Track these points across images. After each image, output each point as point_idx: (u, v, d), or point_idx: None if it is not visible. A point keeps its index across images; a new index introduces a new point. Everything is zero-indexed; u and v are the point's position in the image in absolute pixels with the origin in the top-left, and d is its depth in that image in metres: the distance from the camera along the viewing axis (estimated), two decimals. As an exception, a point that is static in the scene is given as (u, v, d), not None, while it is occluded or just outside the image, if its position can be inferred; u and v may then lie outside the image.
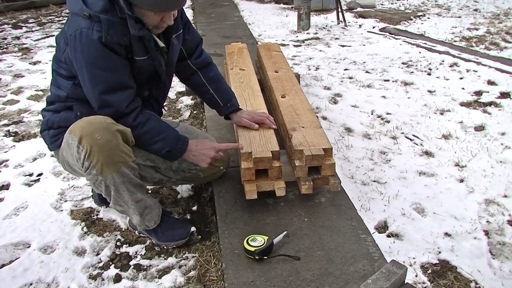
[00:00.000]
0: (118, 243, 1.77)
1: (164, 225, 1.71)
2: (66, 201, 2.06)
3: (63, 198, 2.08)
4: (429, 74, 3.68)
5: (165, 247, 1.73)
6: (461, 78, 3.55)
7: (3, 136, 2.77)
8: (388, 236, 1.80)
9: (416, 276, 1.58)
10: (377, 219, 1.89)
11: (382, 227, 1.85)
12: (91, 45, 1.38)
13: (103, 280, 1.60)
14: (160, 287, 1.55)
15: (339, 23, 5.59)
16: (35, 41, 5.19)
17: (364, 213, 1.88)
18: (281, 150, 1.74)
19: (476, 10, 6.17)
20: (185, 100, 3.24)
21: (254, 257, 1.48)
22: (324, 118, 2.86)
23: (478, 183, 2.13)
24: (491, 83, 3.41)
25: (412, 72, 3.74)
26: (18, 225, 1.90)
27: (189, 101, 3.22)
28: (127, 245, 1.76)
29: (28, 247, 1.77)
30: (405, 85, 3.45)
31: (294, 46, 4.70)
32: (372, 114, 2.94)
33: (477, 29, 5.08)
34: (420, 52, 4.28)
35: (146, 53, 1.52)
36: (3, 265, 1.67)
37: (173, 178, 1.84)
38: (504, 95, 3.17)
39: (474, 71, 3.67)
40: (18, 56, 4.56)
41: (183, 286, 1.55)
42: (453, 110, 2.96)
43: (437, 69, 3.80)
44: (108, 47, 1.40)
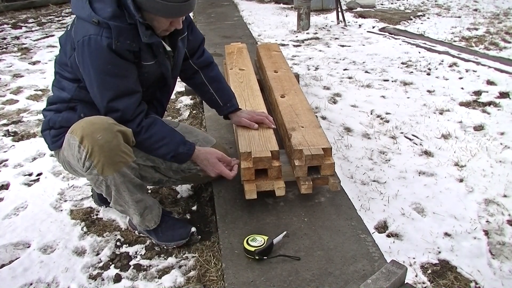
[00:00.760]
0: (118, 243, 1.77)
1: (164, 225, 1.71)
2: (66, 201, 2.06)
3: (63, 198, 2.08)
4: (428, 74, 3.68)
5: (165, 247, 1.73)
6: (460, 78, 3.55)
7: (3, 135, 2.77)
8: (388, 236, 1.80)
9: (416, 276, 1.58)
10: (377, 219, 1.89)
11: (382, 227, 1.85)
12: (100, 52, 1.38)
13: (103, 280, 1.60)
14: (160, 287, 1.55)
15: (338, 23, 5.59)
16: (34, 41, 5.19)
17: (363, 213, 1.89)
18: (280, 150, 1.74)
19: (476, 10, 6.18)
20: (185, 100, 3.24)
21: (254, 257, 1.48)
22: (324, 118, 2.86)
23: (477, 182, 2.13)
24: (490, 83, 3.42)
25: (412, 72, 3.75)
26: (18, 225, 1.90)
27: (189, 101, 3.22)
28: (127, 245, 1.76)
29: (28, 247, 1.77)
30: (405, 85, 3.45)
31: (294, 46, 4.70)
32: (371, 114, 2.94)
33: (476, 29, 5.09)
34: (419, 52, 4.29)
35: (154, 58, 1.52)
36: (3, 265, 1.67)
37: (173, 178, 1.84)
38: (503, 95, 3.17)
39: (474, 71, 3.68)
40: (17, 56, 4.56)
41: (183, 286, 1.54)
42: (453, 110, 2.96)
43: (436, 69, 3.80)
44: (117, 53, 1.40)
